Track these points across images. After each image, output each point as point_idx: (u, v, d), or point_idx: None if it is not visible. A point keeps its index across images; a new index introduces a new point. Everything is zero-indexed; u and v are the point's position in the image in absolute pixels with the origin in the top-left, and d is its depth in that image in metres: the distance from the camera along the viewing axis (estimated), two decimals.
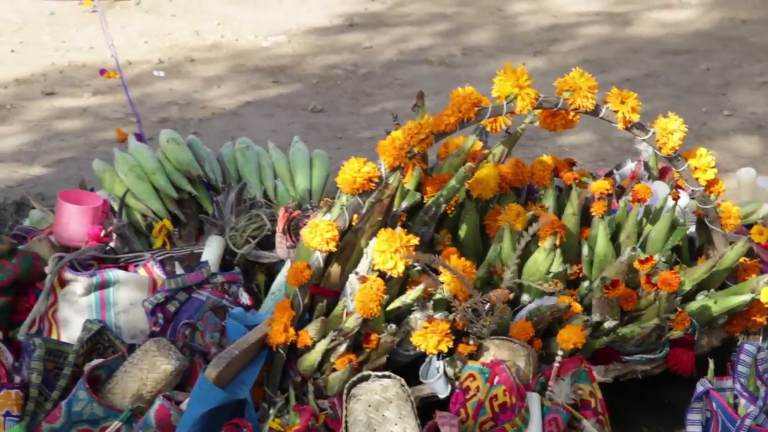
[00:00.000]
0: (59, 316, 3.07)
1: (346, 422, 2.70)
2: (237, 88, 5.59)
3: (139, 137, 4.22)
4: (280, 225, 3.24)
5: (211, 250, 3.32)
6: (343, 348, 2.82)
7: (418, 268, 2.88)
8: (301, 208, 3.39)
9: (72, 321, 3.04)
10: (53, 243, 3.28)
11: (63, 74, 5.69)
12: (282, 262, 3.26)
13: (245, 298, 3.18)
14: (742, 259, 3.09)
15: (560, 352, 2.79)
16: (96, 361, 2.81)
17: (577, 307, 2.91)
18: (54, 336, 3.04)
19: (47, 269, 3.12)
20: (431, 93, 5.19)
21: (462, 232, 3.12)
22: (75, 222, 3.29)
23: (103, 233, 3.30)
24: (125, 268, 3.20)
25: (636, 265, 2.89)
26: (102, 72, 5.61)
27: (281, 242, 3.25)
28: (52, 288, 3.11)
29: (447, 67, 5.87)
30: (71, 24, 6.38)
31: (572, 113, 2.97)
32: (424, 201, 3.12)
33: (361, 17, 6.57)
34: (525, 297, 2.97)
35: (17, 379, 2.78)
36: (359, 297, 2.77)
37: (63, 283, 3.11)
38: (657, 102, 5.04)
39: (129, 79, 5.43)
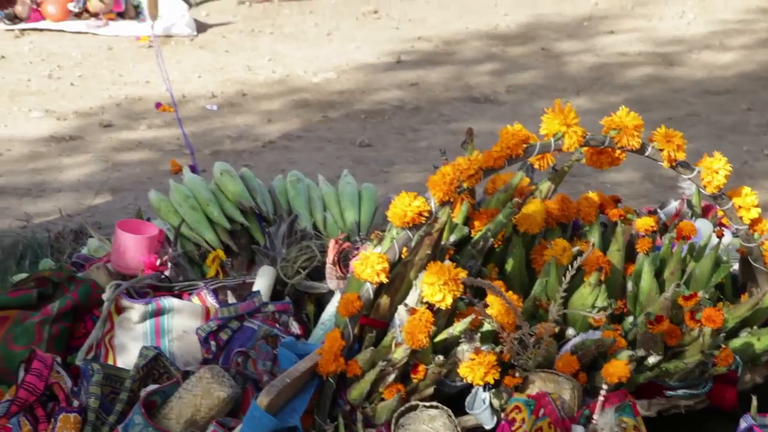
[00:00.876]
0: (116, 342, 3.08)
1: None
2: (288, 122, 5.61)
3: (193, 169, 4.24)
4: (330, 256, 3.24)
5: (262, 280, 3.32)
6: (391, 378, 2.81)
7: (466, 300, 2.87)
8: (350, 240, 3.39)
9: (128, 347, 3.05)
10: (111, 271, 3.30)
11: (120, 107, 5.74)
12: (331, 292, 3.25)
13: (295, 328, 3.17)
14: None
15: (605, 386, 2.77)
16: (152, 387, 2.81)
17: (622, 341, 2.89)
18: (110, 361, 3.05)
19: (105, 296, 3.14)
20: (477, 129, 5.19)
21: (509, 266, 3.10)
22: (132, 251, 3.31)
23: (158, 262, 3.31)
24: (180, 297, 3.21)
25: (680, 301, 2.87)
26: (157, 105, 5.65)
27: (331, 273, 3.25)
28: (109, 315, 3.12)
29: (492, 104, 5.87)
30: (129, 59, 6.43)
31: (618, 151, 2.95)
32: (472, 235, 3.11)
33: (409, 55, 6.59)
34: (570, 331, 2.95)
35: (75, 403, 2.79)
36: (408, 328, 2.76)
37: (120, 310, 3.12)
38: (699, 141, 5.02)
39: (183, 113, 5.46)
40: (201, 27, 6.96)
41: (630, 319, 2.98)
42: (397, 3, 7.50)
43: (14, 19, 6.76)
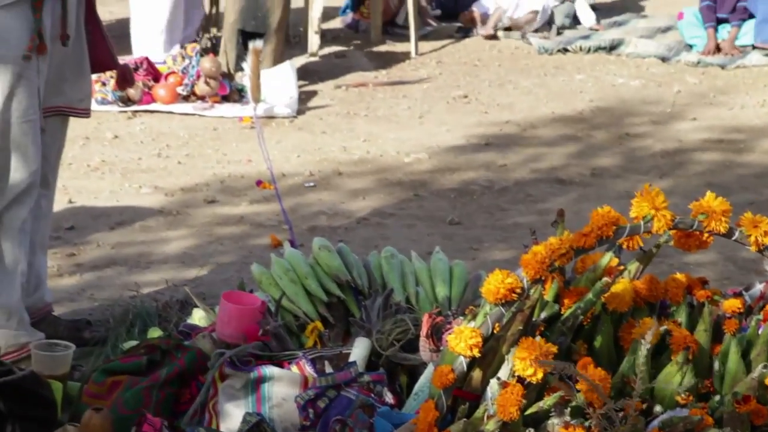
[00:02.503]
0: (219, 408, 3.09)
1: None
2: (381, 200, 5.62)
3: (292, 243, 4.27)
4: (423, 329, 3.23)
5: (358, 351, 3.32)
6: None
7: (556, 375, 2.84)
8: (442, 314, 3.38)
9: (231, 413, 3.06)
10: (215, 340, 3.32)
11: (224, 184, 5.80)
12: (424, 364, 3.24)
13: (389, 398, 3.17)
14: None
15: None
16: None
17: (709, 420, 2.83)
18: (214, 426, 3.06)
19: (209, 364, 3.16)
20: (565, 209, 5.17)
21: (597, 343, 3.07)
22: (236, 321, 3.33)
23: (260, 332, 3.33)
24: (280, 365, 3.22)
25: (767, 382, 2.82)
26: (258, 183, 5.69)
27: (424, 346, 3.24)
28: (213, 381, 3.14)
29: (577, 186, 5.84)
30: (232, 139, 6.51)
31: (706, 235, 2.93)
32: (562, 312, 3.09)
33: (496, 138, 6.60)
34: (657, 408, 2.90)
35: None
36: (500, 401, 2.74)
37: (223, 377, 3.13)
38: None
39: (282, 190, 5.50)
40: (300, 109, 7.04)
41: (717, 398, 2.93)
42: (486, 88, 7.53)
43: (127, 101, 6.90)
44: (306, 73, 7.65)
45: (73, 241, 4.98)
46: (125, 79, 4.41)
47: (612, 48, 8.30)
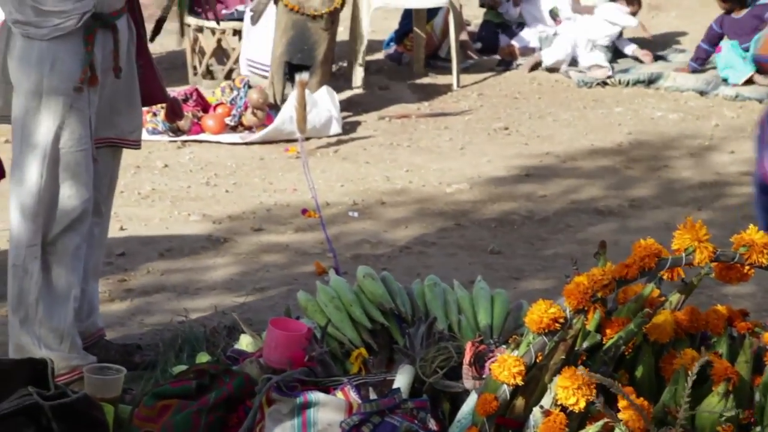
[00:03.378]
0: None
1: None
2: (423, 230, 5.62)
3: (336, 271, 4.27)
4: (466, 357, 3.22)
5: (402, 378, 3.31)
6: None
7: (598, 405, 2.82)
8: (484, 342, 3.36)
9: None
10: (262, 365, 3.33)
11: (270, 212, 5.82)
12: (467, 392, 3.23)
13: (432, 424, 3.15)
14: None
15: None
16: None
17: None
18: None
19: (257, 389, 3.16)
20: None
21: (638, 373, 3.05)
22: (282, 347, 3.33)
23: (306, 358, 3.33)
24: (325, 391, 3.21)
25: None
26: (303, 211, 5.71)
27: (467, 374, 3.23)
28: (260, 406, 3.14)
29: (616, 217, 5.81)
30: (278, 168, 6.54)
31: (747, 267, 2.91)
32: (604, 342, 3.07)
33: (536, 169, 6.58)
34: None
35: None
36: (542, 429, 2.73)
37: (270, 402, 3.13)
38: None
39: (327, 219, 5.51)
40: (344, 140, 7.06)
41: (758, 429, 2.90)
42: (526, 120, 7.52)
43: (177, 131, 6.95)
44: (350, 105, 7.67)
45: (124, 268, 5.01)
46: (174, 112, 4.45)
47: (651, 82, 8.27)
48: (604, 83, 8.24)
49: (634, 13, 8.83)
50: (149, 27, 4.10)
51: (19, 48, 3.70)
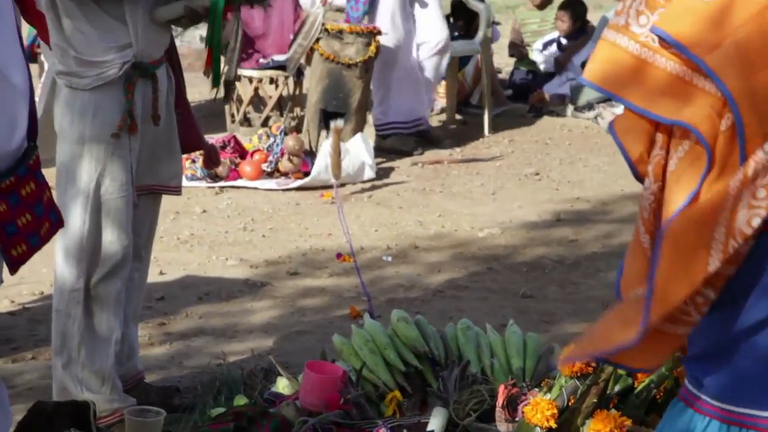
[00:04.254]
0: None
1: None
2: (456, 274, 5.62)
3: (371, 314, 4.28)
4: (499, 400, 3.21)
5: (436, 421, 3.31)
6: None
7: None
8: (517, 386, 3.35)
9: None
10: (299, 408, 3.33)
11: (305, 257, 5.84)
12: None
13: None
14: None
15: None
16: None
17: None
18: None
19: (293, 431, 3.16)
20: None
21: None
22: (318, 390, 3.34)
23: (342, 401, 3.33)
24: None
25: None
26: (338, 256, 5.73)
27: (500, 417, 3.22)
28: None
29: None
30: (313, 213, 6.56)
31: None
32: (635, 386, 3.05)
33: (568, 214, 6.57)
34: None
35: None
36: None
37: None
38: None
39: (361, 263, 5.52)
40: (377, 185, 7.08)
41: None
42: (557, 166, 7.52)
43: (215, 177, 6.99)
44: (384, 150, 7.70)
45: (164, 312, 5.03)
46: (211, 159, 4.49)
47: None
48: None
49: None
50: (188, 77, 4.15)
51: (63, 97, 3.76)
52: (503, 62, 9.60)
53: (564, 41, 9.08)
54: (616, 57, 1.97)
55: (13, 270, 2.65)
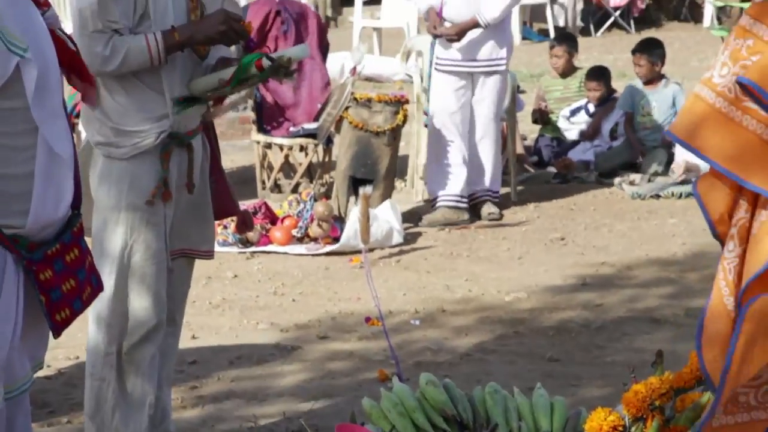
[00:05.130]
0: None
1: None
2: (483, 337, 5.60)
3: (399, 378, 4.27)
4: None
5: None
6: None
7: None
8: None
9: None
10: None
11: (334, 321, 5.84)
12: None
13: None
14: None
15: None
16: None
17: None
18: None
19: None
20: (659, 349, 5.09)
21: None
22: None
23: None
24: None
25: None
26: (367, 320, 5.71)
27: None
28: None
29: (672, 326, 5.75)
30: (342, 278, 6.57)
31: None
32: None
33: (593, 278, 6.55)
34: None
35: None
36: None
37: None
38: None
39: (390, 327, 5.51)
40: (405, 250, 7.09)
41: None
42: (582, 231, 7.51)
43: (246, 243, 7.03)
44: (411, 216, 7.72)
45: (196, 375, 5.04)
46: (245, 224, 4.52)
47: None
48: (657, 195, 8.22)
49: None
50: (221, 145, 4.20)
51: (100, 167, 3.81)
52: (528, 129, 9.63)
53: (592, 108, 9.12)
54: (698, 109, 1.95)
55: (57, 334, 2.68)
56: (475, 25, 7.44)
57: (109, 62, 3.63)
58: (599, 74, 9.15)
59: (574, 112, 9.22)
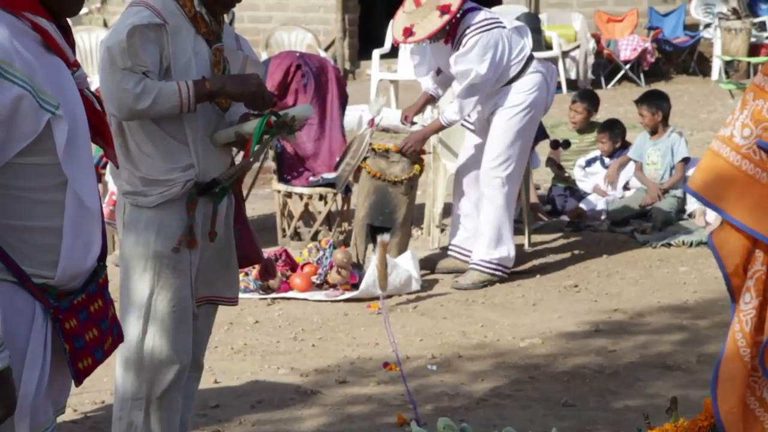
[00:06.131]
0: None
1: None
2: (498, 382, 5.58)
3: (417, 422, 4.26)
4: None
5: None
6: None
7: None
8: None
9: None
10: None
11: (353, 366, 5.82)
12: None
13: None
14: None
15: None
16: None
17: None
18: None
19: None
20: (671, 395, 5.08)
21: None
22: None
23: None
24: None
25: None
26: (385, 365, 5.72)
27: None
28: None
29: (683, 372, 5.72)
30: (361, 324, 6.56)
31: None
32: None
33: (606, 324, 6.53)
34: None
35: None
36: None
37: None
38: None
39: (407, 372, 5.51)
40: (422, 297, 7.08)
41: None
42: (595, 278, 7.50)
43: (267, 289, 7.04)
44: (428, 263, 7.71)
45: (218, 419, 5.03)
46: (268, 271, 4.53)
47: None
48: (668, 244, 8.20)
49: None
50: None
51: (128, 216, 3.83)
52: (541, 179, 9.64)
53: (607, 160, 9.15)
54: (717, 167, 1.96)
55: (79, 382, 2.70)
56: (439, 127, 7.41)
57: (140, 100, 3.63)
58: (609, 127, 9.18)
59: (589, 163, 9.23)
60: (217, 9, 3.80)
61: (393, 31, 7.43)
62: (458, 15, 6.97)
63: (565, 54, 16.03)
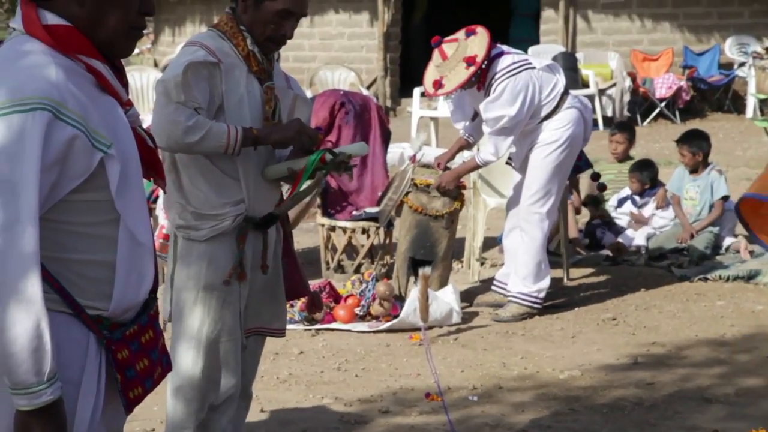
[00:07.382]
0: None
1: None
2: (539, 413, 5.52)
3: None
4: None
5: None
6: None
7: None
8: None
9: None
10: None
11: (395, 396, 5.79)
12: None
13: None
14: None
15: None
16: None
17: None
18: None
19: None
20: (710, 428, 5.01)
21: None
22: None
23: None
24: None
25: None
26: (427, 395, 5.68)
27: None
28: None
29: (722, 405, 5.62)
30: (403, 354, 6.53)
31: None
32: None
33: (645, 357, 6.45)
34: None
35: None
36: None
37: None
38: None
39: (449, 402, 5.47)
40: (463, 329, 7.04)
41: None
42: (633, 312, 7.42)
43: (311, 321, 7.03)
44: (468, 296, 7.67)
45: None
46: (314, 304, 4.52)
47: (750, 278, 8.07)
48: (705, 278, 8.10)
49: None
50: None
51: (180, 249, 3.84)
52: (580, 215, 9.59)
53: (638, 198, 9.08)
54: None
55: (129, 410, 2.70)
56: (474, 167, 7.36)
57: (190, 134, 3.64)
58: (640, 168, 9.12)
59: (621, 202, 9.17)
60: (269, 48, 3.81)
61: (424, 83, 7.40)
62: (484, 65, 6.89)
63: (601, 92, 15.99)
